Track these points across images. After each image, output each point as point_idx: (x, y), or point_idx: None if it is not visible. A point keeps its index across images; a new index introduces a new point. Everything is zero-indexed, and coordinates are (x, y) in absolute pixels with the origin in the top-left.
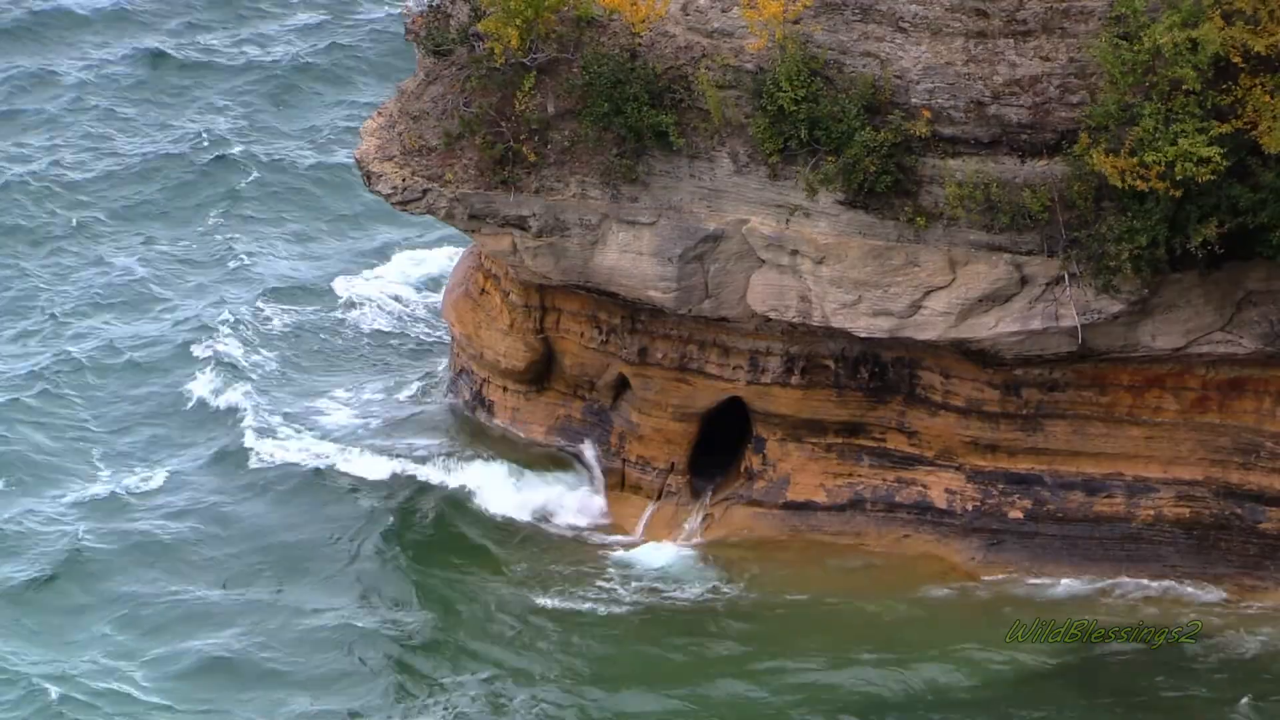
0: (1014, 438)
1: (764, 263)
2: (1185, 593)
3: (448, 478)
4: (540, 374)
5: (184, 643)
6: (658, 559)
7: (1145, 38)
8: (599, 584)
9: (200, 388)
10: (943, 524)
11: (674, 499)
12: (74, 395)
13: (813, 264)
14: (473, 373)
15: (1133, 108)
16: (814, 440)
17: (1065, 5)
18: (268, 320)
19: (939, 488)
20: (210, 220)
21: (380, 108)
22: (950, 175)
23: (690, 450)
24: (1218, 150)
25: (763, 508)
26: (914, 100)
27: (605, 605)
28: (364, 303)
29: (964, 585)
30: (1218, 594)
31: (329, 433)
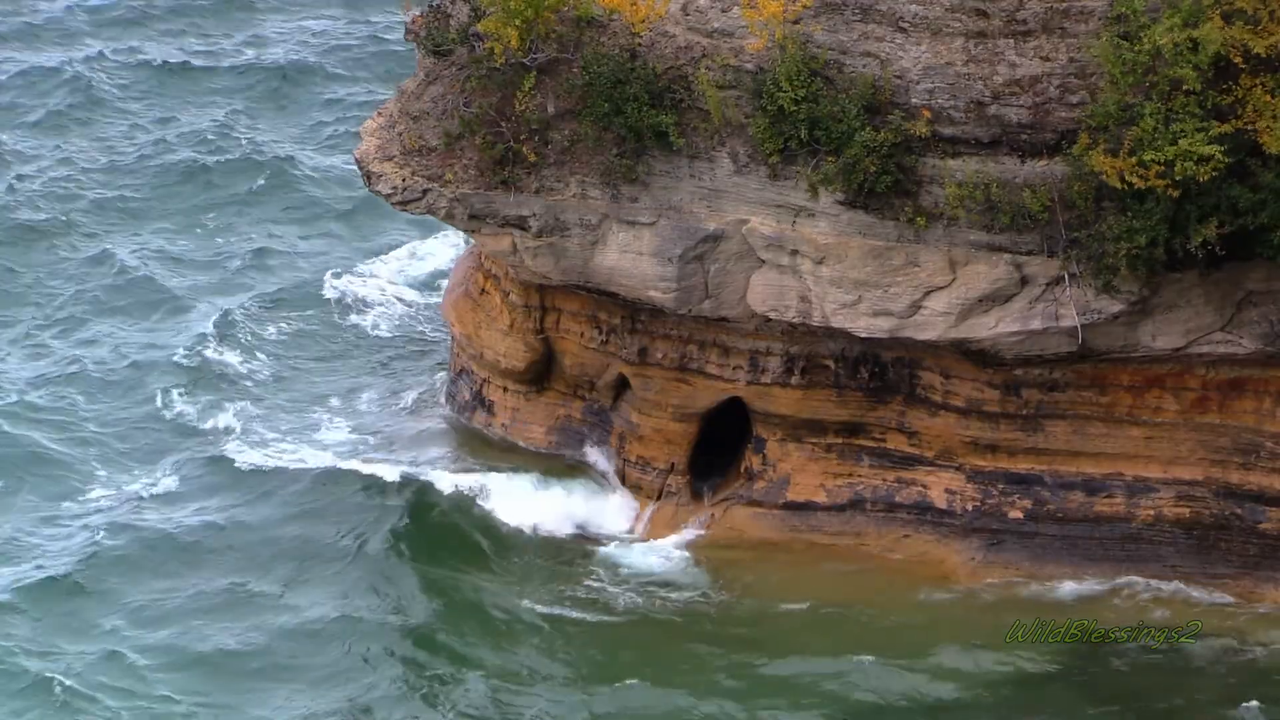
0: (1014, 438)
1: (764, 263)
2: (1185, 593)
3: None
4: (540, 374)
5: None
6: (657, 560)
7: (1145, 38)
8: (598, 586)
9: (203, 392)
10: (943, 524)
11: (674, 499)
12: (73, 398)
13: (813, 264)
14: (473, 373)
15: (1133, 108)
16: (814, 440)
17: (1065, 5)
18: (269, 323)
19: (939, 488)
20: (213, 222)
21: (380, 108)
22: (950, 175)
23: (690, 450)
24: (1218, 149)
25: (763, 508)
26: (914, 100)
27: (603, 607)
28: (366, 303)
29: (964, 585)
30: (1218, 594)
31: (331, 437)
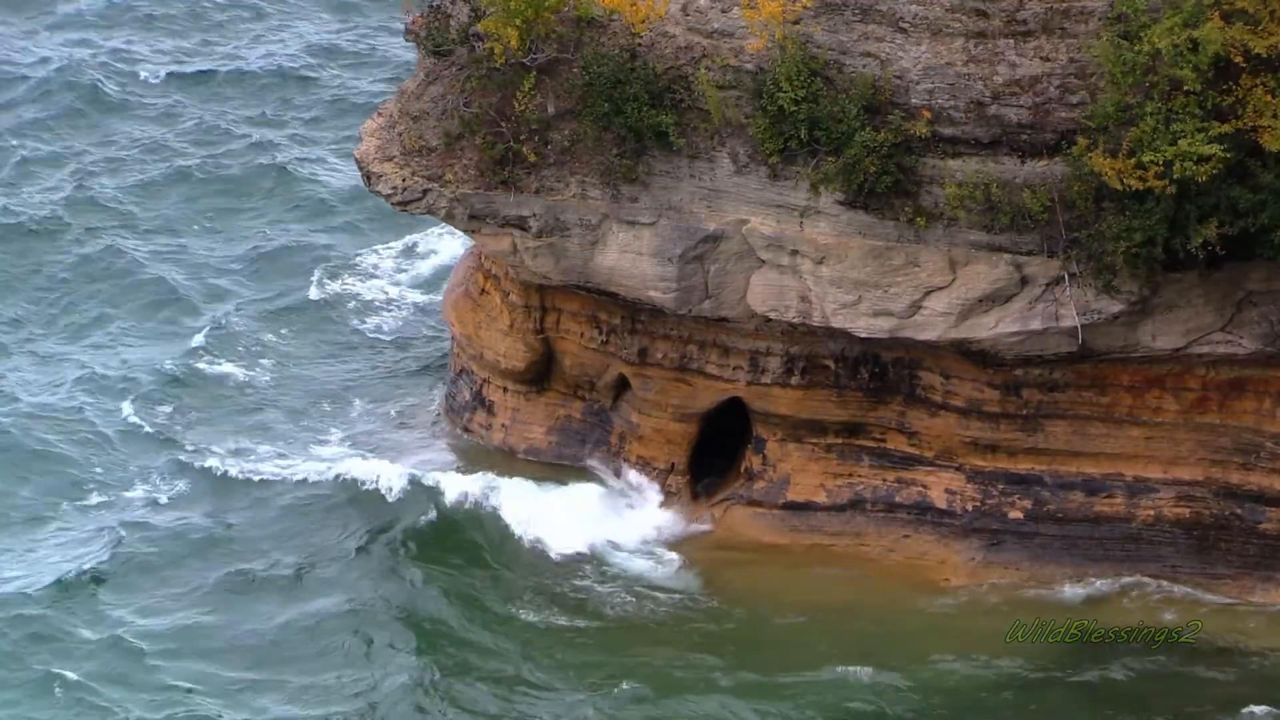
0: (1014, 438)
1: (764, 263)
2: (1185, 593)
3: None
4: (540, 374)
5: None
6: (655, 562)
7: (1145, 38)
8: (598, 588)
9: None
10: (943, 524)
11: (674, 500)
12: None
13: (813, 264)
14: (473, 373)
15: (1132, 108)
16: (814, 440)
17: (1065, 5)
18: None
19: (939, 488)
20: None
21: (380, 108)
22: (950, 175)
23: (690, 451)
24: (1218, 148)
25: (762, 508)
26: (914, 100)
27: (602, 611)
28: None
29: (963, 585)
30: (1218, 594)
31: (332, 439)
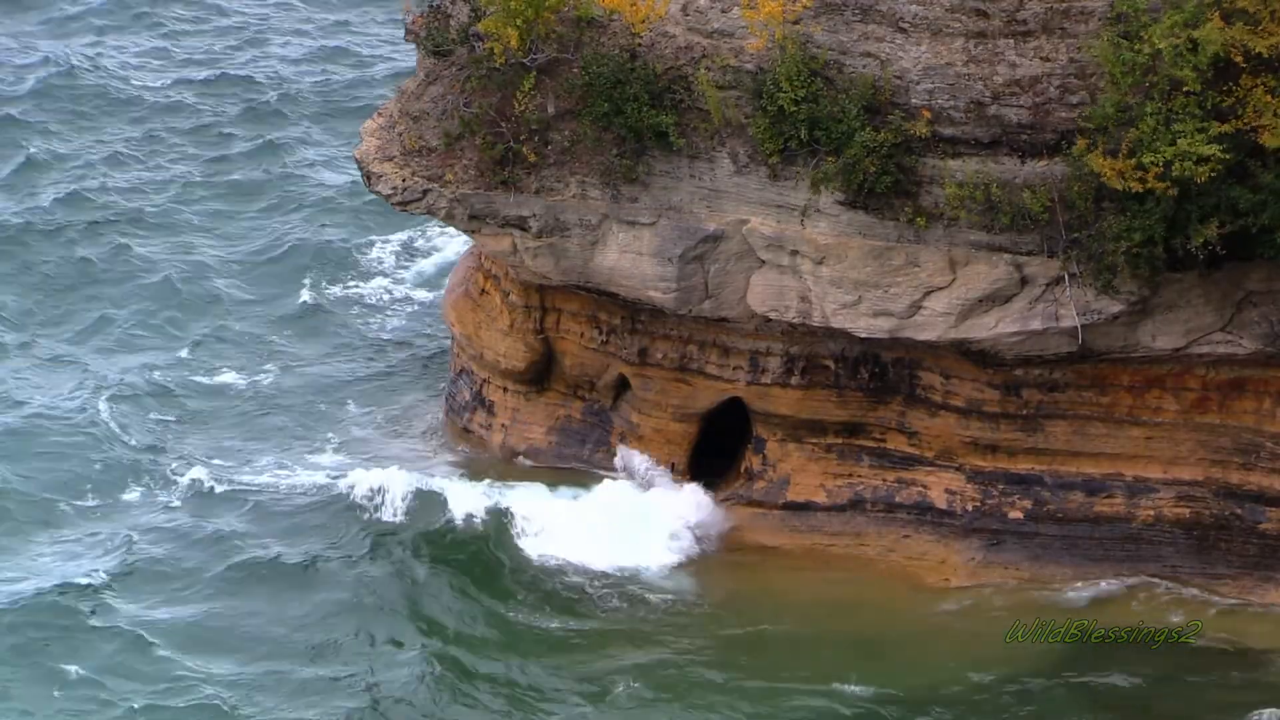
0: (1014, 438)
1: (764, 263)
2: (1186, 593)
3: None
4: (540, 374)
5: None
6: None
7: (1146, 39)
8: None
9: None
10: (943, 524)
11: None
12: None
13: (813, 264)
14: (473, 373)
15: (1131, 109)
16: (814, 441)
17: (1065, 5)
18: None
19: (939, 488)
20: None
21: (380, 108)
22: (950, 176)
23: (690, 451)
24: (1218, 148)
25: (763, 508)
26: (914, 100)
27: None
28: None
29: (963, 586)
30: (1218, 594)
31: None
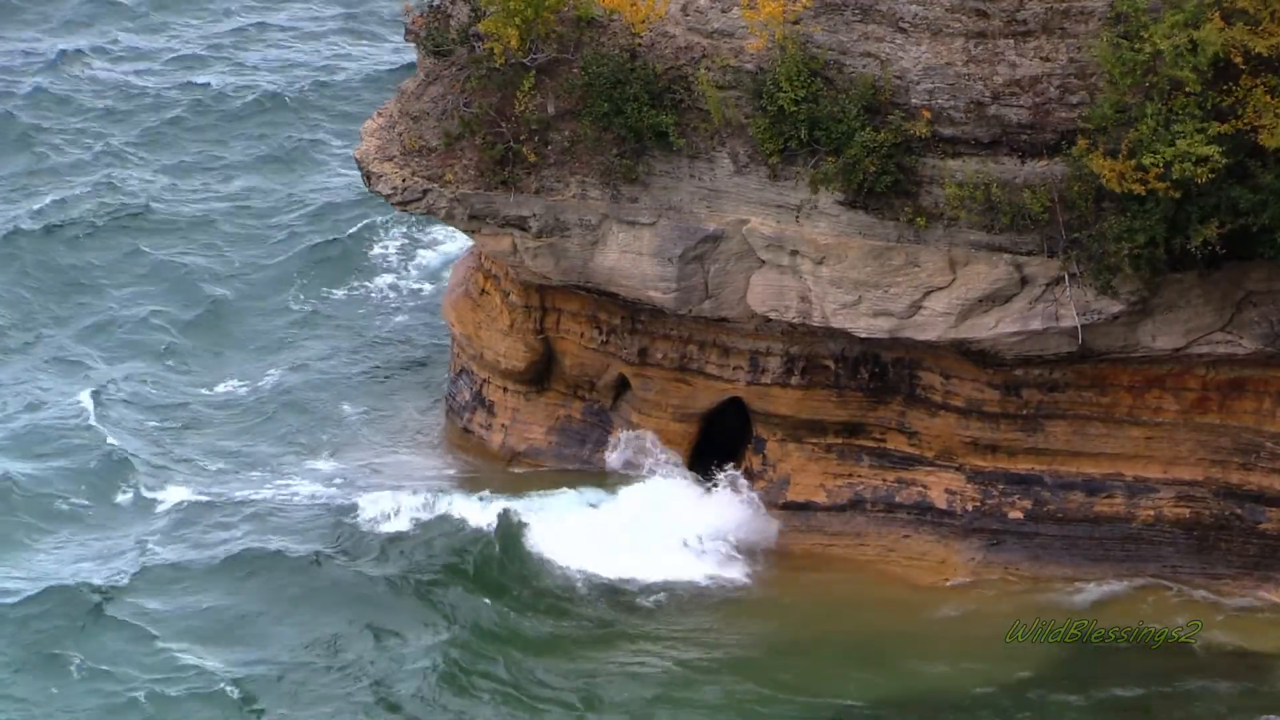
0: (1014, 438)
1: (764, 263)
2: (1186, 593)
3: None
4: (540, 374)
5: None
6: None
7: (1146, 39)
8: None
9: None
10: (943, 524)
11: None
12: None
13: (813, 264)
14: (473, 373)
15: (1130, 109)
16: (814, 440)
17: (1065, 5)
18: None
19: (939, 488)
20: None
21: (380, 108)
22: (950, 175)
23: (691, 451)
24: (1216, 149)
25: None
26: (914, 100)
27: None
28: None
29: (963, 586)
30: (1218, 594)
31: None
